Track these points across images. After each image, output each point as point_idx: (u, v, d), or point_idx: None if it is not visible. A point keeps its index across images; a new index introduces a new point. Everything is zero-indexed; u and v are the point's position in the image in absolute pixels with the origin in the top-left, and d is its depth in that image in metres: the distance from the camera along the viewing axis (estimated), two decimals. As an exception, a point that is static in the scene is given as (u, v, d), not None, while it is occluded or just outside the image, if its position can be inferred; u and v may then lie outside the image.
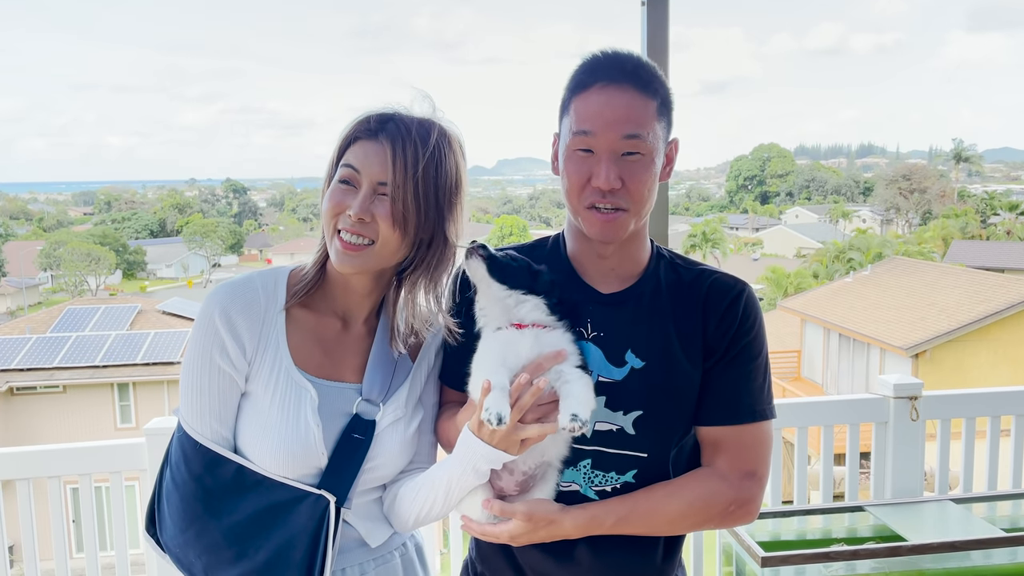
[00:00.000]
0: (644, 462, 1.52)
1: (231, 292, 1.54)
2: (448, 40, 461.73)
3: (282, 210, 77.08)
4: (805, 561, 2.66)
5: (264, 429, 1.51)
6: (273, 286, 1.57)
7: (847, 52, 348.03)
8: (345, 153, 1.53)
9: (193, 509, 1.51)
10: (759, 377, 1.56)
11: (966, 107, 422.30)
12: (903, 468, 3.32)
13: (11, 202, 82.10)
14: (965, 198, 50.57)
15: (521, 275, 1.51)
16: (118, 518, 3.03)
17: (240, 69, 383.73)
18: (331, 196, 1.51)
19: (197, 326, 1.52)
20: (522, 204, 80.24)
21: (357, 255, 1.50)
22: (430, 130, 1.52)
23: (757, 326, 1.56)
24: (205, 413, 1.52)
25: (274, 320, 1.55)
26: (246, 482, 1.50)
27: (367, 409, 1.57)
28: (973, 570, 2.77)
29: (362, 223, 1.48)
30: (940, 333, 18.52)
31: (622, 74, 1.45)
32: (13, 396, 19.18)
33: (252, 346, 1.52)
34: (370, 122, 1.52)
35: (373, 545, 1.62)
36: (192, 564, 1.53)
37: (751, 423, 1.54)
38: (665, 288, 1.57)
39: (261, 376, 1.52)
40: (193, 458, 1.51)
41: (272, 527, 1.50)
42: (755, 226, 58.52)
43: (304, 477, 1.52)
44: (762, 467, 1.55)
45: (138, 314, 22.16)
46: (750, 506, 1.54)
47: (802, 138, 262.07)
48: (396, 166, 1.48)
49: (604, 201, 1.46)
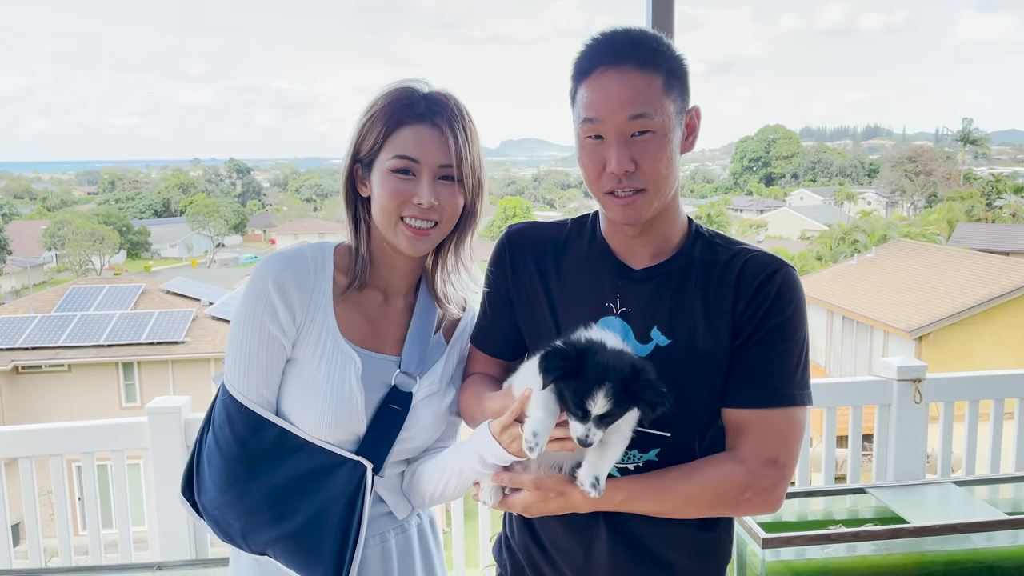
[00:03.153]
0: (667, 442, 1.49)
1: (284, 261, 1.59)
2: (451, 19, 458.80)
3: (286, 190, 76.86)
4: (806, 543, 2.66)
5: (310, 393, 1.56)
6: (321, 258, 1.62)
7: (856, 32, 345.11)
8: (391, 138, 1.55)
9: (235, 471, 1.56)
10: (791, 360, 1.48)
11: (974, 88, 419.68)
12: (906, 450, 3.32)
13: (15, 181, 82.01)
14: (971, 180, 50.29)
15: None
16: (120, 496, 3.05)
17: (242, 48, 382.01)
18: (391, 187, 1.55)
19: (249, 293, 1.57)
20: (526, 185, 79.90)
21: (427, 239, 1.58)
22: (460, 103, 1.59)
23: (792, 307, 1.49)
24: (252, 376, 1.56)
25: (323, 290, 1.60)
26: (288, 446, 1.55)
27: (404, 381, 1.63)
28: (975, 553, 2.77)
29: (431, 208, 1.55)
30: (944, 316, 18.50)
31: (619, 55, 1.42)
32: (18, 375, 19.27)
33: (302, 313, 1.57)
34: (418, 105, 1.56)
35: (400, 517, 1.69)
36: (230, 526, 1.58)
37: (777, 407, 1.47)
38: (699, 266, 1.53)
39: (308, 343, 1.57)
40: (238, 420, 1.56)
41: (311, 491, 1.55)
42: (760, 208, 58.30)
43: (343, 443, 1.57)
44: (785, 455, 1.47)
45: (142, 294, 22.19)
46: (769, 495, 1.47)
47: (808, 119, 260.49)
48: (456, 147, 1.55)
49: (621, 185, 1.44)
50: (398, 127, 1.55)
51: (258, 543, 1.57)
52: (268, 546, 1.56)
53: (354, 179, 1.63)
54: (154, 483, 2.97)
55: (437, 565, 1.78)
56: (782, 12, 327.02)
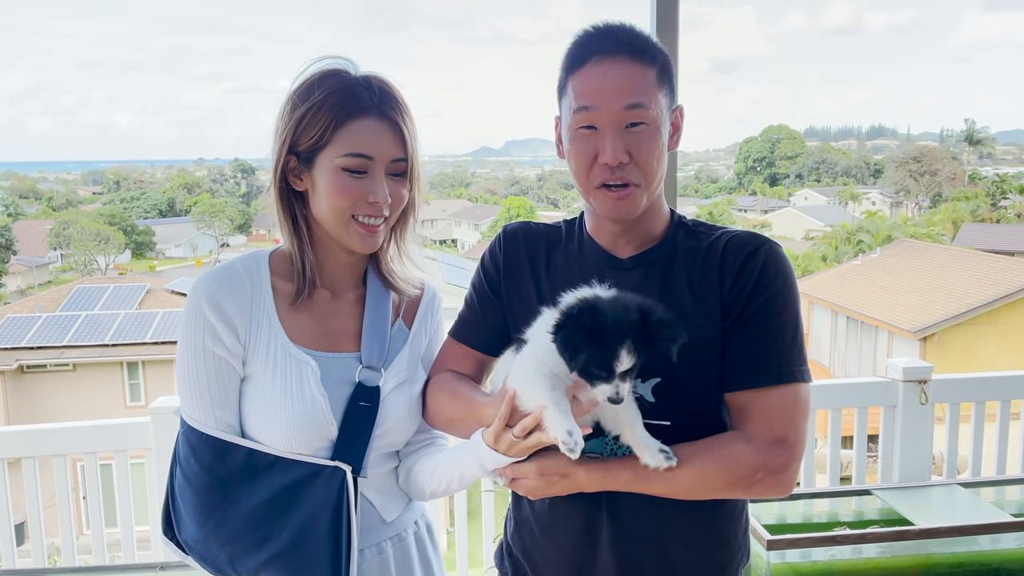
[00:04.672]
0: (668, 431, 1.46)
1: (216, 278, 1.52)
2: (456, 18, 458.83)
3: (290, 190, 76.74)
4: (811, 544, 2.65)
5: (270, 407, 1.50)
6: (256, 268, 1.56)
7: (862, 31, 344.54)
8: (340, 133, 1.48)
9: (209, 500, 1.50)
10: (785, 336, 1.44)
11: (980, 88, 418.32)
12: (911, 452, 3.31)
13: (21, 181, 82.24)
14: (976, 181, 50.16)
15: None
16: (123, 496, 3.05)
17: (246, 48, 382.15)
18: (343, 185, 1.48)
19: (186, 318, 1.51)
20: (530, 185, 79.85)
21: (377, 235, 1.54)
22: (397, 89, 1.54)
23: (779, 282, 1.45)
24: (206, 403, 1.50)
25: (262, 300, 1.53)
26: (259, 465, 1.49)
27: (369, 376, 1.57)
28: (981, 555, 2.76)
29: (384, 204, 1.51)
30: (949, 316, 18.44)
31: (617, 45, 1.42)
32: (23, 374, 19.30)
33: (244, 328, 1.51)
34: (363, 97, 1.50)
35: (389, 519, 1.64)
36: (216, 556, 1.52)
37: (777, 385, 1.43)
38: (683, 253, 1.51)
39: (258, 356, 1.51)
40: (201, 450, 1.50)
41: (292, 506, 1.49)
42: (764, 208, 58.21)
43: (317, 451, 1.52)
44: (793, 432, 1.42)
45: (147, 293, 22.22)
46: (781, 475, 1.41)
47: (812, 119, 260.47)
48: (406, 140, 1.51)
49: (613, 177, 1.43)
50: (346, 120, 1.47)
51: (248, 569, 1.50)
52: (260, 570, 1.50)
53: (286, 173, 1.53)
54: (157, 483, 2.97)
55: (437, 573, 1.74)
56: (787, 11, 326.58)
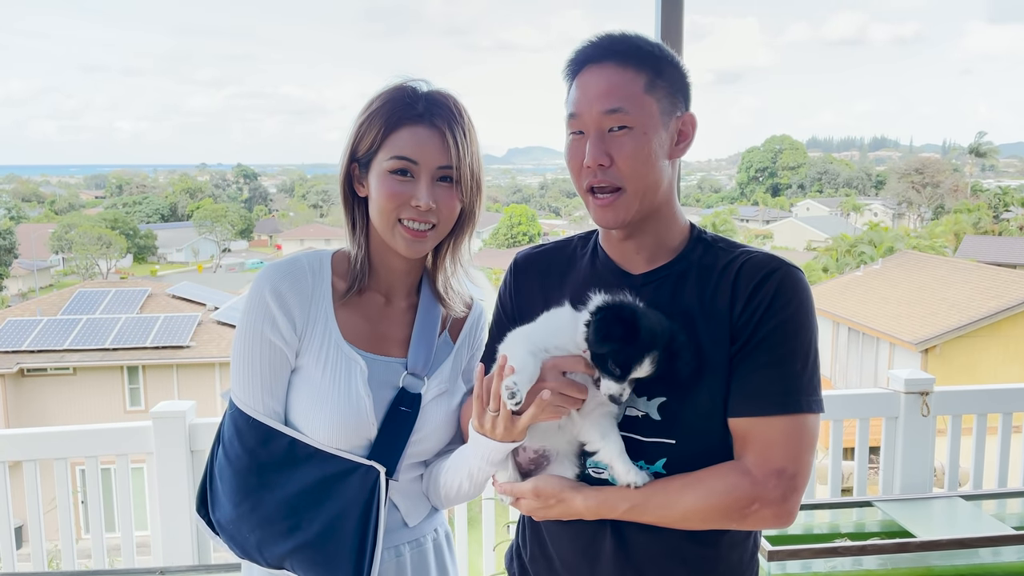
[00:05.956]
0: (673, 450, 1.45)
1: (281, 271, 1.58)
2: (460, 25, 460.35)
3: (292, 196, 77.00)
4: (812, 556, 2.64)
5: (317, 400, 1.55)
6: (319, 265, 1.62)
7: (865, 43, 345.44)
8: (389, 139, 1.55)
9: (247, 483, 1.55)
10: (794, 363, 1.40)
11: (982, 100, 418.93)
12: (912, 463, 3.31)
13: (23, 184, 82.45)
14: (978, 193, 50.20)
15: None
16: (123, 500, 3.04)
17: (250, 53, 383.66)
18: (389, 188, 1.54)
19: (248, 305, 1.57)
20: (532, 193, 79.95)
21: (424, 240, 1.58)
22: (459, 103, 1.59)
23: (792, 308, 1.41)
24: (257, 388, 1.56)
25: (321, 297, 1.60)
26: (299, 455, 1.54)
27: (412, 383, 1.62)
28: (982, 567, 2.75)
29: (428, 210, 1.54)
30: (950, 328, 18.44)
31: (602, 52, 1.44)
32: (24, 377, 19.31)
33: (302, 321, 1.57)
34: (417, 106, 1.55)
35: (411, 524, 1.67)
36: (245, 539, 1.57)
37: (781, 415, 1.39)
38: (697, 270, 1.49)
39: (312, 350, 1.57)
40: (246, 433, 1.55)
41: (325, 499, 1.53)
42: (766, 218, 58.28)
43: (355, 449, 1.56)
44: (794, 465, 1.38)
45: (148, 298, 22.24)
46: (779, 508, 1.38)
47: (815, 130, 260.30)
48: (456, 149, 1.55)
49: (597, 181, 1.44)
50: (396, 127, 1.54)
51: (275, 555, 1.55)
52: (285, 558, 1.54)
53: (352, 179, 1.62)
54: (158, 487, 2.97)
55: None
56: (790, 23, 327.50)
